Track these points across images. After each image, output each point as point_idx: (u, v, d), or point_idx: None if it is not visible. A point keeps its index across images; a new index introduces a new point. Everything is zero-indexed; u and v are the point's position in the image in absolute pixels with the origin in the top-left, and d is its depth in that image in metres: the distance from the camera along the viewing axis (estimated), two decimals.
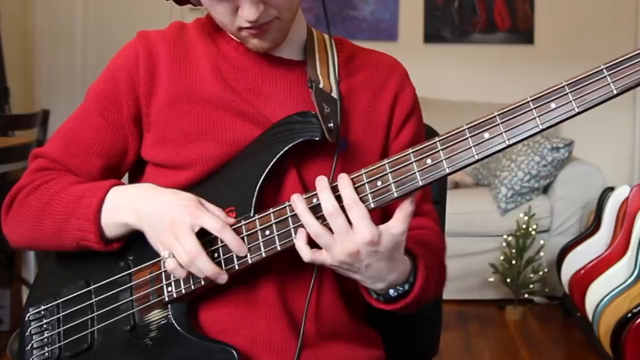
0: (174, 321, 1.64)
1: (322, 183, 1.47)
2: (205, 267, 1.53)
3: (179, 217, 1.56)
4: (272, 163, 1.63)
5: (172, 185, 1.69)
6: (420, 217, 1.83)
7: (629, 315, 3.75)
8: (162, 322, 1.65)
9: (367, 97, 1.84)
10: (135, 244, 1.69)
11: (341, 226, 1.43)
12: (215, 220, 1.56)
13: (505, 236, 5.47)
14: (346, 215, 1.46)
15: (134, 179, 1.86)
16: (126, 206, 1.64)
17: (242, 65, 1.79)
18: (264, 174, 1.63)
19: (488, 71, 6.96)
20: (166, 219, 1.57)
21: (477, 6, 6.98)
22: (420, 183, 1.47)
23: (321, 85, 1.74)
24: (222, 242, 1.58)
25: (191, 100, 1.74)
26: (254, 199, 1.62)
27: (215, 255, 1.59)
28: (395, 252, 1.50)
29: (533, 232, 5.43)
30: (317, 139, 1.62)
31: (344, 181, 1.46)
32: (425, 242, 1.74)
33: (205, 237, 1.57)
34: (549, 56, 6.91)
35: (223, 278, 1.56)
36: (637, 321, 3.68)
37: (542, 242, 5.55)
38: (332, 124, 1.65)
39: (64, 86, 6.85)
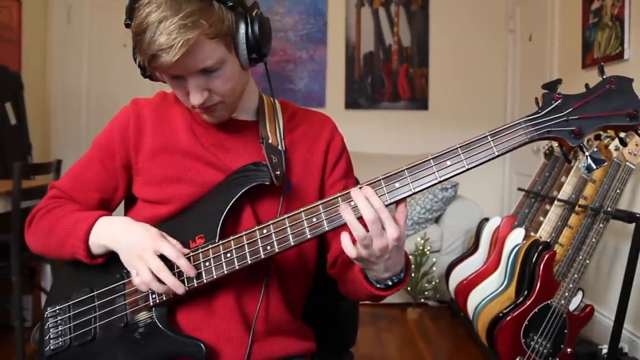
0: (157, 321, 1.68)
1: (360, 196, 1.45)
2: (168, 279, 1.58)
3: (145, 244, 1.61)
4: (232, 201, 1.69)
5: (156, 216, 1.76)
6: None
7: (500, 315, 3.77)
8: (147, 321, 1.68)
9: (305, 147, 1.88)
10: None
11: (378, 229, 1.43)
12: (172, 248, 1.60)
13: None
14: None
15: (128, 208, 1.91)
16: (107, 234, 1.69)
17: (208, 124, 1.82)
18: (226, 210, 1.68)
19: (394, 130, 6.98)
20: (135, 245, 1.62)
21: (385, 80, 7.02)
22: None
23: (270, 141, 1.79)
24: (177, 267, 1.62)
25: (170, 152, 1.78)
26: (219, 228, 1.67)
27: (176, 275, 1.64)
28: (403, 247, 1.51)
29: (427, 252, 5.45)
30: (267, 183, 1.68)
31: (370, 191, 1.46)
32: None
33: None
34: (439, 119, 6.96)
35: (181, 290, 1.60)
36: (506, 319, 3.70)
37: (434, 259, 5.59)
38: (279, 172, 1.71)
39: (72, 141, 6.82)
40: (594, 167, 1.46)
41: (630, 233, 3.61)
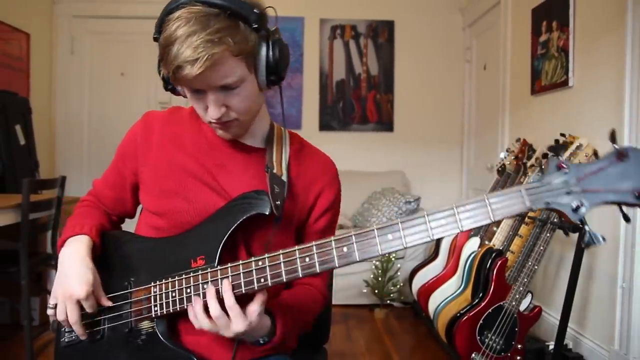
0: (157, 331, 1.66)
1: (211, 292, 1.48)
2: (77, 330, 1.67)
3: (74, 290, 1.64)
4: (233, 227, 1.60)
5: (154, 226, 1.75)
6: (315, 276, 1.78)
7: (458, 315, 3.77)
8: (149, 331, 1.67)
9: (304, 183, 1.80)
10: (137, 268, 1.72)
11: (223, 323, 1.47)
12: (89, 307, 1.67)
13: (374, 261, 5.47)
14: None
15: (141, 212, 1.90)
16: (63, 253, 1.72)
17: (215, 144, 1.76)
18: (227, 234, 1.60)
19: (363, 150, 6.99)
20: (66, 285, 1.65)
21: (355, 105, 7.03)
22: (318, 270, 1.42)
23: (275, 170, 1.71)
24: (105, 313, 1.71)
25: (171, 167, 1.73)
26: (218, 253, 1.59)
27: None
28: (256, 327, 1.51)
29: (393, 259, 5.46)
30: (267, 213, 1.58)
31: (226, 287, 1.47)
32: (297, 302, 1.75)
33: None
34: (403, 139, 6.98)
35: (83, 337, 1.70)
36: (463, 319, 3.70)
37: (399, 265, 5.60)
38: (279, 202, 1.63)
39: (75, 160, 6.81)
40: (593, 243, 1.27)
41: (574, 242, 3.64)
